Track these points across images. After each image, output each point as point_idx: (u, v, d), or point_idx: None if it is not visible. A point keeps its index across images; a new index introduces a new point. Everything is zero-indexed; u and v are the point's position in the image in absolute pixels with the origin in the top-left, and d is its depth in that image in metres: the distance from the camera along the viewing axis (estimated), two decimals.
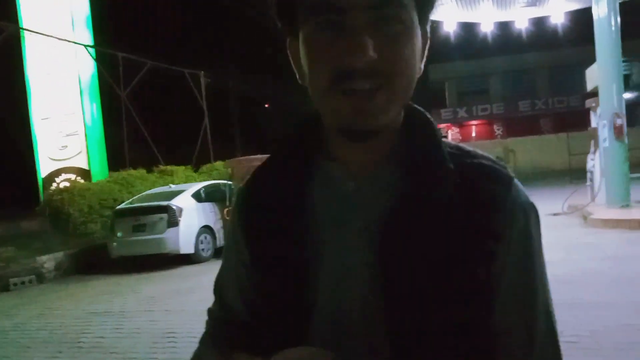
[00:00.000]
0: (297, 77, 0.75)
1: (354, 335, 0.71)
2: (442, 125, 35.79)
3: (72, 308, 7.41)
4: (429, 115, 0.79)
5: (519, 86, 35.20)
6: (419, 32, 0.70)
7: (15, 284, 9.54)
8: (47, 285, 9.74)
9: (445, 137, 0.81)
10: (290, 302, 0.74)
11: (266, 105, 38.11)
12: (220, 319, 0.89)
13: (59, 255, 10.72)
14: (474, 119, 35.57)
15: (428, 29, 0.75)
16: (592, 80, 12.86)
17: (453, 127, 35.92)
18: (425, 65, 0.75)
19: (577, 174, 16.83)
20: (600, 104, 11.11)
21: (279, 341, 0.70)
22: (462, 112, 35.12)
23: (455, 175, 0.72)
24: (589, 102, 12.61)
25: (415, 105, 0.79)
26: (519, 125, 32.77)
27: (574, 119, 27.76)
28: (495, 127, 35.24)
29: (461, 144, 0.79)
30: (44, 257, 10.44)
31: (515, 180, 0.75)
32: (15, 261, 10.21)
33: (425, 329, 0.69)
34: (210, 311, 0.91)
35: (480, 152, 0.78)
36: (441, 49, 27.74)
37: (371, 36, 0.65)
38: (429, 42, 0.75)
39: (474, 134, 35.44)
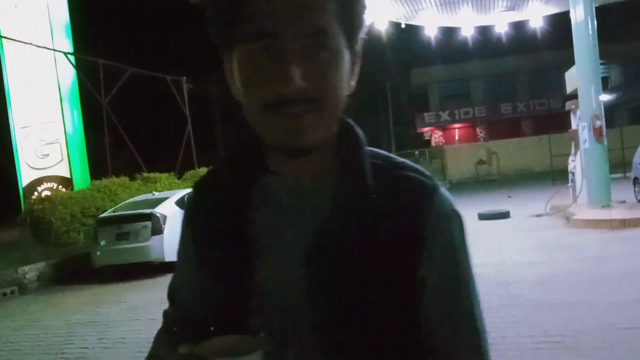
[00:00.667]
0: (231, 91, 0.79)
1: (286, 330, 0.78)
2: (425, 129, 36.13)
3: (55, 319, 7.30)
4: (357, 131, 0.83)
5: (500, 89, 35.66)
6: (346, 56, 0.75)
7: None
8: (29, 296, 9.58)
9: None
10: (231, 295, 0.81)
11: None
12: (174, 319, 0.95)
13: (41, 265, 10.55)
14: (457, 123, 35.91)
15: (359, 48, 0.79)
16: (572, 82, 13.08)
17: (436, 131, 36.24)
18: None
19: (559, 175, 17.09)
20: (579, 106, 11.29)
21: (225, 332, 0.75)
22: (445, 116, 35.44)
23: (378, 189, 0.77)
24: (568, 105, 12.81)
25: (348, 120, 0.83)
26: (501, 128, 33.16)
27: (555, 120, 28.20)
28: (478, 130, 35.60)
29: (391, 155, 0.84)
30: (26, 268, 10.27)
31: (440, 190, 0.80)
32: None
33: (348, 320, 0.75)
34: (164, 312, 0.99)
35: (408, 163, 0.83)
36: (423, 54, 27.98)
37: (301, 63, 0.69)
38: (359, 61, 0.80)
39: (457, 137, 35.77)
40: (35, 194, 14.05)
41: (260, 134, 0.76)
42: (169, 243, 9.96)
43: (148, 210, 10.20)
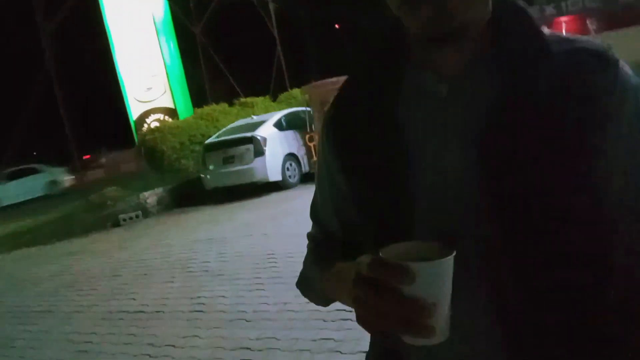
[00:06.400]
0: None
1: (460, 234, 0.69)
2: None
3: (177, 238, 7.98)
4: (521, 4, 0.74)
5: None
6: None
7: (124, 220, 10.40)
8: (152, 219, 10.51)
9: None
10: (391, 207, 0.74)
11: (336, 26, 37.10)
12: (319, 240, 0.93)
13: (159, 191, 11.46)
14: (565, 15, 32.61)
15: None
16: None
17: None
18: None
19: None
20: None
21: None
22: (549, 9, 32.22)
23: (559, 62, 0.69)
24: None
25: None
26: (616, 18, 29.63)
27: None
28: (588, 22, 32.17)
29: (556, 32, 0.74)
30: (146, 194, 11.22)
31: (622, 61, 0.71)
32: (122, 199, 11.06)
33: (537, 220, 0.67)
34: (309, 235, 0.96)
35: (580, 36, 0.74)
36: None
37: None
38: None
39: (564, 32, 32.59)
40: (145, 126, 15.01)
41: (406, 22, 0.70)
42: (271, 164, 10.32)
43: (249, 134, 10.55)
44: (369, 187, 0.77)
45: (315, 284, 0.88)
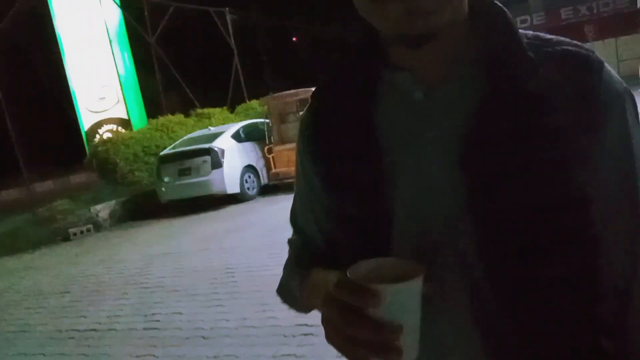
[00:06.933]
0: None
1: (440, 250, 0.66)
2: None
3: (131, 252, 7.73)
4: (500, 4, 0.70)
5: None
6: None
7: (75, 234, 10.01)
8: (104, 233, 10.17)
9: None
10: (367, 221, 0.71)
11: (294, 39, 37.26)
12: (300, 246, 0.90)
13: (112, 203, 11.10)
14: None
15: None
16: None
17: None
18: None
19: (628, 81, 15.95)
20: None
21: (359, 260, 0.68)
22: None
23: (539, 66, 0.65)
24: None
25: None
26: (562, 36, 31.00)
27: (623, 22, 26.15)
28: None
29: (539, 33, 0.71)
30: (98, 207, 10.85)
31: (606, 65, 0.67)
32: (72, 212, 10.66)
33: (522, 238, 0.64)
34: (290, 241, 0.93)
35: (563, 38, 0.70)
36: None
37: None
38: None
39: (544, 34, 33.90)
40: (97, 136, 14.56)
41: (376, 24, 0.65)
42: (229, 176, 10.19)
43: (206, 145, 10.39)
44: (343, 197, 0.74)
45: (294, 292, 0.85)
